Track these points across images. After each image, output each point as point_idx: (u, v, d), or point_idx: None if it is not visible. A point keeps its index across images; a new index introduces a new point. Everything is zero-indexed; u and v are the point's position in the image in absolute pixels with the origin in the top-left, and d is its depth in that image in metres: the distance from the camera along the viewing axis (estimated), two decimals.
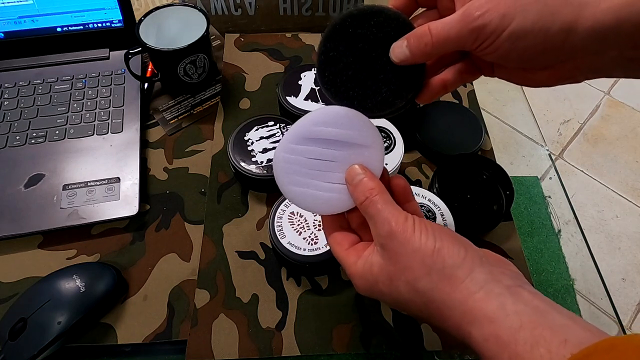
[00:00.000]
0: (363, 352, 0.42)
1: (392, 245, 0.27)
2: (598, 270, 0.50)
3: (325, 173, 0.31)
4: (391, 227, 0.27)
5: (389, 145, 0.47)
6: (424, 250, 0.26)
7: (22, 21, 0.57)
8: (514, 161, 0.60)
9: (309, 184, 0.31)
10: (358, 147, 0.30)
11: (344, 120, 0.30)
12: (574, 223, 0.53)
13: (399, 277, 0.27)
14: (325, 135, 0.30)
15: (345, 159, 0.30)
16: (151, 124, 0.57)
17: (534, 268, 0.50)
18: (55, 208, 0.48)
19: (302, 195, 0.31)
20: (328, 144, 0.30)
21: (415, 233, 0.27)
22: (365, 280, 0.29)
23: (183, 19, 0.57)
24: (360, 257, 0.30)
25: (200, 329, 0.42)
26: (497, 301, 0.24)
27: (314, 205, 0.32)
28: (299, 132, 0.30)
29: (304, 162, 0.30)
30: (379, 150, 0.31)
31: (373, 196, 0.29)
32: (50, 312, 0.40)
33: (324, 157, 0.30)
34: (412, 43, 0.29)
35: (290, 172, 0.31)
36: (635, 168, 1.45)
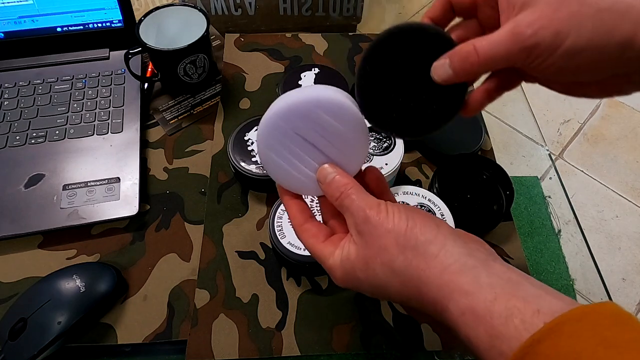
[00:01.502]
0: (363, 352, 0.42)
1: (367, 228, 0.28)
2: (598, 270, 0.50)
3: (305, 157, 0.31)
4: (365, 213, 0.28)
5: (389, 146, 0.47)
6: (397, 230, 0.27)
7: (22, 21, 0.57)
8: (514, 161, 0.60)
9: (288, 159, 0.31)
10: (344, 143, 0.30)
11: (343, 113, 0.30)
12: (574, 223, 0.53)
13: (374, 260, 0.27)
14: (321, 121, 0.29)
15: (328, 150, 0.30)
16: (151, 124, 0.57)
17: (534, 268, 0.50)
18: (55, 208, 0.48)
19: (277, 167, 0.31)
20: (319, 129, 0.30)
21: (389, 215, 0.27)
22: (343, 270, 0.29)
23: (183, 19, 0.57)
24: (337, 247, 0.30)
25: (200, 329, 0.42)
26: (471, 274, 0.25)
27: (286, 182, 0.32)
28: (300, 107, 0.29)
29: (291, 136, 0.30)
30: (361, 152, 0.31)
31: (347, 190, 0.29)
32: (50, 312, 0.40)
33: (310, 140, 0.30)
34: (457, 62, 0.28)
35: (275, 139, 0.30)
36: (635, 168, 1.45)
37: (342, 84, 0.56)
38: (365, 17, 0.77)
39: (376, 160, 0.46)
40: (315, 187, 0.31)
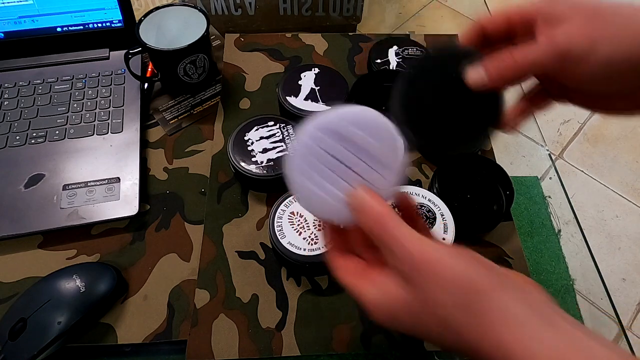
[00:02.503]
0: (363, 352, 0.42)
1: (417, 279, 0.25)
2: (598, 270, 0.50)
3: (339, 179, 0.28)
4: (413, 259, 0.25)
5: None
6: (455, 286, 0.24)
7: (22, 21, 0.57)
8: (514, 161, 0.60)
9: (318, 182, 0.28)
10: (379, 164, 0.28)
11: (379, 131, 0.28)
12: (574, 223, 0.53)
13: (426, 312, 0.25)
14: (356, 138, 0.27)
15: (362, 169, 0.28)
16: (151, 124, 0.57)
17: (534, 268, 0.50)
18: (55, 208, 0.48)
19: (308, 192, 0.29)
20: (354, 148, 0.28)
21: (441, 263, 0.24)
22: (384, 313, 0.27)
23: (183, 19, 0.57)
24: (374, 285, 0.27)
25: (200, 329, 0.42)
26: (536, 336, 0.23)
27: (319, 208, 0.29)
28: (332, 124, 0.27)
29: (324, 157, 0.28)
30: (397, 174, 0.29)
31: (384, 221, 0.26)
32: (50, 312, 0.40)
33: (344, 160, 0.28)
34: (492, 66, 0.28)
35: (305, 159, 0.28)
36: (635, 168, 1.45)
37: (342, 84, 0.56)
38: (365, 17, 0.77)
39: None
40: (348, 212, 0.28)
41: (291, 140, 0.29)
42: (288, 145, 0.28)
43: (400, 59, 0.60)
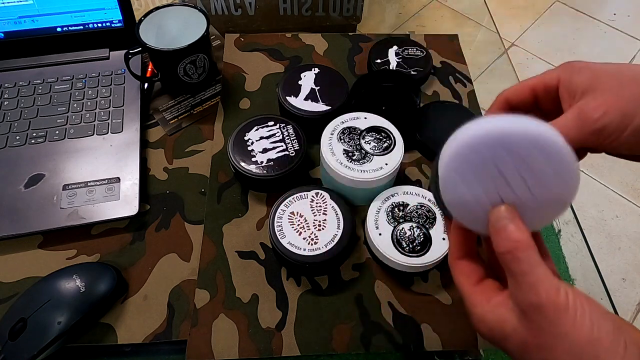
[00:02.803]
0: (363, 352, 0.42)
1: (536, 318, 0.23)
2: (598, 270, 0.50)
3: (493, 190, 0.26)
4: (540, 299, 0.23)
5: (389, 145, 0.47)
6: (576, 337, 0.22)
7: (22, 21, 0.57)
8: None
9: (473, 187, 0.26)
10: (544, 192, 0.26)
11: (560, 160, 0.25)
12: (574, 223, 0.53)
13: (535, 351, 0.24)
14: (532, 161, 0.25)
15: (522, 192, 0.26)
16: (151, 124, 0.57)
17: None
18: (55, 208, 0.48)
19: (457, 192, 0.27)
20: (523, 168, 0.25)
21: (569, 313, 0.23)
22: (490, 331, 0.26)
23: (183, 19, 0.57)
24: (489, 303, 0.26)
25: (200, 329, 0.42)
26: None
27: (459, 209, 0.28)
28: (514, 139, 0.25)
29: (488, 166, 0.25)
30: (559, 208, 0.27)
31: (518, 252, 0.24)
32: (50, 312, 0.40)
33: (507, 176, 0.25)
34: None
35: (469, 163, 0.26)
36: (635, 168, 1.45)
37: (342, 84, 0.56)
38: (365, 17, 0.77)
39: (376, 160, 0.46)
40: (486, 225, 0.27)
41: (458, 131, 0.27)
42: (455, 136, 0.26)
43: (400, 59, 0.60)
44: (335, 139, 0.47)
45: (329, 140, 0.47)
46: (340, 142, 0.47)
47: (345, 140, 0.47)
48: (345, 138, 0.48)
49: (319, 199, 0.46)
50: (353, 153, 0.46)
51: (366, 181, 0.45)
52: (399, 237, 0.44)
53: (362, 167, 0.45)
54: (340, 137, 0.48)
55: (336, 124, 0.49)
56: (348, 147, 0.47)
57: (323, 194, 0.46)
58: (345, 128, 0.48)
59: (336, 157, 0.46)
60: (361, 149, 0.47)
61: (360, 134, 0.48)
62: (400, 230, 0.44)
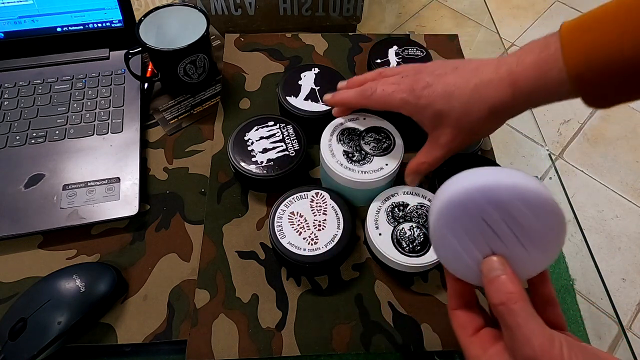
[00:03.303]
0: (363, 352, 0.42)
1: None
2: (598, 270, 0.50)
3: (483, 243, 0.27)
4: (534, 352, 0.23)
5: (389, 146, 0.47)
6: None
7: (22, 21, 0.57)
8: (514, 161, 0.60)
9: (463, 241, 0.27)
10: (532, 244, 0.26)
11: (547, 212, 0.26)
12: (574, 223, 0.53)
13: None
14: (519, 214, 0.26)
15: (511, 244, 0.27)
16: (151, 124, 0.57)
17: None
18: (55, 208, 0.48)
19: (448, 246, 0.28)
20: (510, 222, 0.26)
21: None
22: None
23: (183, 19, 0.57)
24: (486, 354, 0.27)
25: (200, 329, 0.42)
26: None
27: (452, 263, 0.29)
28: (500, 193, 0.25)
29: (476, 220, 0.26)
30: (548, 258, 0.27)
31: (512, 304, 0.25)
32: (50, 312, 0.40)
33: (496, 229, 0.26)
34: (410, 174, 0.46)
35: (457, 218, 0.27)
36: (635, 168, 1.45)
37: None
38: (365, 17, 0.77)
39: (376, 161, 0.46)
40: (480, 276, 0.28)
41: (445, 184, 0.28)
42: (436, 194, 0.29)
43: (400, 59, 0.60)
44: (334, 140, 0.47)
45: (329, 141, 0.47)
46: (340, 143, 0.47)
47: (344, 141, 0.47)
48: (345, 139, 0.47)
49: (319, 199, 0.46)
50: (353, 154, 0.46)
51: (366, 182, 0.45)
52: (399, 237, 0.44)
53: (362, 168, 0.45)
54: (340, 138, 0.48)
55: (335, 125, 0.49)
56: (348, 148, 0.47)
57: (323, 194, 0.46)
58: (345, 129, 0.48)
59: (336, 159, 0.46)
60: (361, 149, 0.47)
61: (360, 135, 0.48)
62: (400, 230, 0.44)
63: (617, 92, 0.31)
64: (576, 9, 1.90)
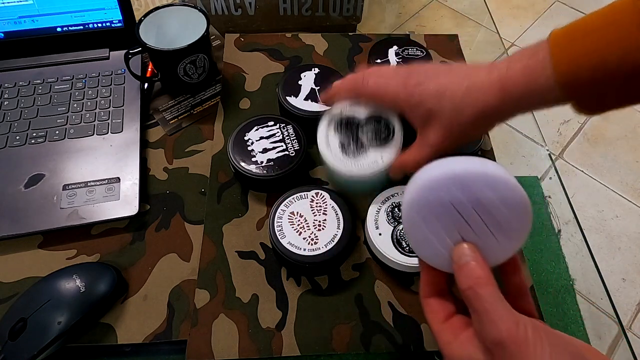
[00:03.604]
0: (363, 352, 0.42)
1: (500, 353, 0.24)
2: (598, 270, 0.50)
3: (454, 230, 0.28)
4: (501, 335, 0.24)
5: (387, 136, 0.45)
6: None
7: (22, 21, 0.57)
8: (514, 161, 0.60)
9: (434, 228, 0.28)
10: (500, 229, 0.27)
11: (512, 197, 0.27)
12: (574, 223, 0.53)
13: None
14: (486, 201, 0.27)
15: (480, 230, 0.28)
16: (151, 124, 0.57)
17: (534, 268, 0.50)
18: (55, 208, 0.48)
19: (420, 233, 0.29)
20: (479, 207, 0.27)
21: (529, 346, 0.24)
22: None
23: (183, 19, 0.57)
24: (456, 340, 0.28)
25: (200, 329, 0.42)
26: None
27: (423, 250, 0.30)
28: (467, 181, 0.27)
29: (446, 206, 0.27)
30: (515, 243, 0.28)
31: (479, 288, 0.26)
32: (50, 312, 0.40)
33: (465, 216, 0.27)
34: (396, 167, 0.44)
35: (428, 204, 0.28)
36: (635, 168, 1.45)
37: None
38: (365, 17, 0.77)
39: (371, 154, 0.44)
40: (451, 263, 0.29)
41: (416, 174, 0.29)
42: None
43: (400, 59, 0.60)
44: (331, 130, 0.45)
45: (325, 132, 0.45)
46: (336, 134, 0.45)
47: (341, 132, 0.45)
48: (342, 129, 0.45)
49: (319, 199, 0.46)
50: (349, 145, 0.44)
51: (360, 175, 0.43)
52: (399, 237, 0.44)
53: (357, 160, 0.44)
54: (337, 128, 0.45)
55: (333, 114, 0.46)
56: (344, 138, 0.45)
57: (323, 194, 0.46)
58: (343, 118, 0.46)
59: (331, 150, 0.44)
60: (357, 140, 0.45)
61: (357, 124, 0.45)
62: (400, 230, 0.44)
63: (604, 99, 0.31)
64: (576, 9, 1.90)
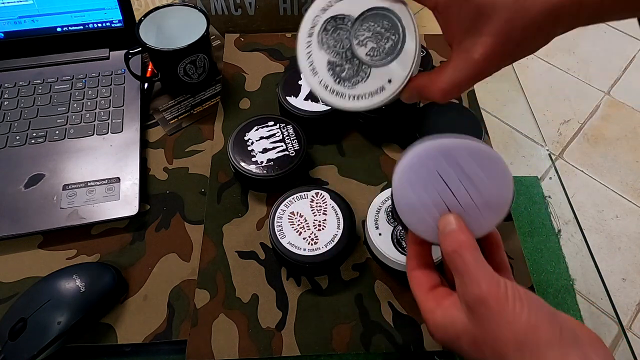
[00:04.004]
0: (363, 352, 0.42)
1: (481, 310, 0.26)
2: (598, 270, 0.50)
3: (441, 200, 0.30)
4: (482, 292, 0.26)
5: (394, 45, 0.31)
6: (517, 324, 0.25)
7: (22, 21, 0.57)
8: (514, 161, 0.60)
9: (422, 198, 0.30)
10: (482, 199, 0.30)
11: (494, 171, 0.29)
12: (574, 223, 0.53)
13: (485, 343, 0.26)
14: (469, 169, 0.29)
15: (464, 200, 0.30)
16: (151, 124, 0.57)
17: (533, 268, 0.50)
18: (55, 208, 0.48)
19: (409, 203, 0.30)
20: (463, 177, 0.29)
21: (509, 303, 0.25)
22: (444, 333, 0.28)
23: (183, 19, 0.57)
24: (440, 306, 0.29)
25: (200, 329, 0.42)
26: None
27: (413, 220, 0.31)
28: (452, 149, 0.29)
29: (433, 176, 0.29)
30: (495, 214, 0.30)
31: (462, 250, 0.27)
32: (50, 312, 0.40)
33: (451, 186, 0.29)
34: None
35: (417, 174, 0.30)
36: (635, 168, 1.45)
37: None
38: None
39: (375, 75, 0.31)
40: (437, 233, 0.30)
41: (405, 156, 0.30)
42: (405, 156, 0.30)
43: None
44: (315, 44, 0.31)
45: (305, 47, 0.32)
46: (321, 48, 0.31)
47: (329, 44, 0.31)
48: (330, 39, 0.31)
49: (319, 199, 0.46)
50: (341, 65, 0.31)
51: (364, 108, 0.32)
52: (399, 237, 0.44)
53: (355, 90, 0.31)
54: (323, 39, 0.31)
55: (316, 13, 0.32)
56: (333, 54, 0.31)
57: (323, 194, 0.46)
58: (330, 19, 0.31)
59: (319, 77, 0.32)
60: (353, 56, 0.31)
61: (351, 28, 0.31)
62: (400, 230, 0.44)
63: None
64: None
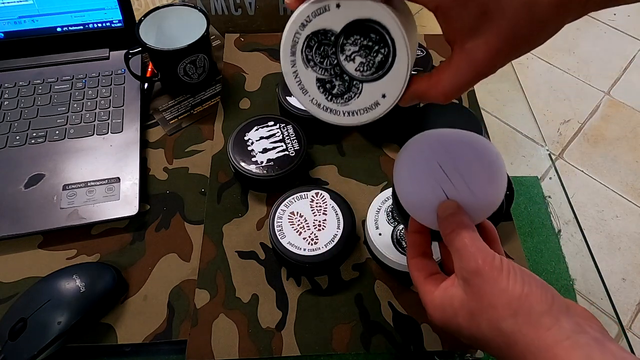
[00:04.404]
0: (363, 352, 0.42)
1: (477, 281, 0.27)
2: (598, 270, 0.50)
3: (438, 188, 0.31)
4: (478, 264, 0.27)
5: (385, 58, 0.27)
6: (511, 293, 0.26)
7: (22, 21, 0.57)
8: (514, 161, 0.60)
9: (422, 185, 0.31)
10: (478, 185, 0.30)
11: (486, 154, 0.31)
12: (574, 223, 0.53)
13: (481, 314, 0.27)
14: (464, 156, 0.30)
15: (461, 188, 0.30)
16: (151, 124, 0.57)
17: (534, 268, 0.50)
18: (55, 208, 0.48)
19: (411, 191, 0.32)
20: (460, 165, 0.30)
21: (503, 273, 0.26)
22: (442, 312, 0.29)
23: (183, 19, 0.57)
24: (438, 288, 0.30)
25: (200, 329, 0.42)
26: (583, 351, 0.24)
27: (412, 205, 0.32)
28: (447, 137, 0.31)
29: (432, 165, 0.31)
30: (491, 205, 0.31)
31: (460, 229, 0.28)
32: (50, 312, 0.40)
33: (449, 174, 0.30)
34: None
35: (417, 163, 0.31)
36: (635, 168, 1.45)
37: None
38: None
39: (367, 91, 0.28)
40: (435, 219, 0.31)
41: (404, 148, 0.32)
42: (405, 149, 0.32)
43: None
44: (300, 62, 0.29)
45: (292, 65, 0.29)
46: (308, 65, 0.29)
47: (315, 61, 0.28)
48: (315, 55, 0.28)
49: (319, 199, 0.46)
50: (331, 82, 0.29)
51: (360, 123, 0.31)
52: (399, 237, 0.44)
53: (348, 106, 0.29)
54: (308, 56, 0.28)
55: (295, 30, 0.28)
56: (321, 72, 0.29)
57: (323, 194, 0.46)
58: (312, 36, 0.28)
59: (310, 95, 0.30)
60: (342, 72, 0.28)
61: (335, 43, 0.28)
62: (400, 230, 0.44)
63: None
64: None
